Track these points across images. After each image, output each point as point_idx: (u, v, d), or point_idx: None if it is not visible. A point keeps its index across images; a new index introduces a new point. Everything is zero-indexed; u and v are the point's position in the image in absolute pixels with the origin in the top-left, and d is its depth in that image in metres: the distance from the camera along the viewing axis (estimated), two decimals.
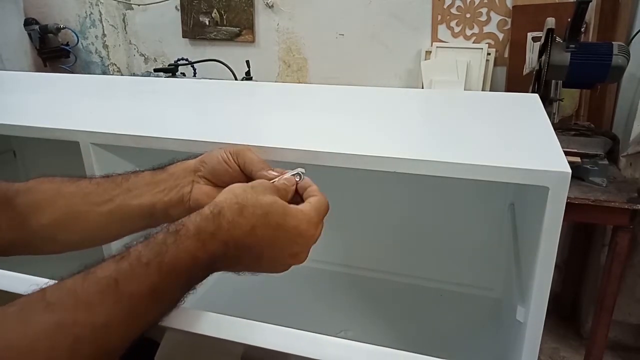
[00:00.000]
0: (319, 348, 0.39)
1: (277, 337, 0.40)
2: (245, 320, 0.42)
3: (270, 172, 0.51)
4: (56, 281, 0.37)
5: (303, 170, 0.52)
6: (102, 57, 2.49)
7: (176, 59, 2.22)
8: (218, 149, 0.54)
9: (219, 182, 0.52)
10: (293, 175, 0.51)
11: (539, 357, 0.55)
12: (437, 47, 1.88)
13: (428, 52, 1.91)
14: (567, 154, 0.53)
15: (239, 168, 0.52)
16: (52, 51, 2.47)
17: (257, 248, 0.43)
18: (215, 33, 2.20)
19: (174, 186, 0.52)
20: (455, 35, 1.88)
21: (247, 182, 0.53)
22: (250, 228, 0.42)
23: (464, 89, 1.78)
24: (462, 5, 1.84)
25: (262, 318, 0.43)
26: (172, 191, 0.51)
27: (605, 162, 1.37)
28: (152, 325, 0.40)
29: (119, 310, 0.36)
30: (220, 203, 0.43)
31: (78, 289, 0.36)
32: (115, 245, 0.54)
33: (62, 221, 0.50)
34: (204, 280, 0.43)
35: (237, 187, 0.45)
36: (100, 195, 0.51)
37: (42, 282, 0.37)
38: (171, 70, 2.08)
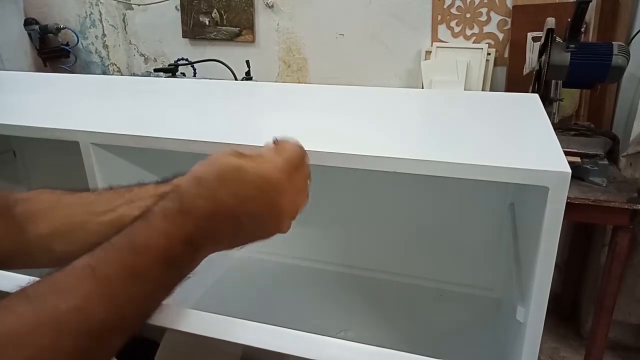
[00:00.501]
0: (318, 349, 0.39)
1: (276, 337, 0.40)
2: (244, 320, 0.42)
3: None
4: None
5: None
6: (102, 57, 2.49)
7: (176, 59, 2.22)
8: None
9: None
10: None
11: (539, 357, 0.55)
12: (437, 47, 1.88)
13: (428, 52, 1.91)
14: (567, 154, 0.53)
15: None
16: (52, 51, 2.47)
17: (227, 211, 0.42)
18: (215, 33, 2.20)
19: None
20: (455, 35, 1.88)
21: None
22: (211, 193, 0.41)
23: (464, 89, 1.78)
24: (462, 5, 1.84)
25: (262, 318, 0.43)
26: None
27: (605, 162, 1.37)
28: (141, 309, 0.40)
29: (98, 292, 0.36)
30: (178, 181, 0.43)
31: (55, 280, 0.36)
32: None
33: (60, 231, 0.50)
34: (203, 280, 0.43)
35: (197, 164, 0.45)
36: (101, 205, 0.51)
37: (27, 280, 0.37)
38: (171, 70, 2.08)
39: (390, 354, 0.39)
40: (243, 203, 0.42)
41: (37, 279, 0.37)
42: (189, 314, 0.43)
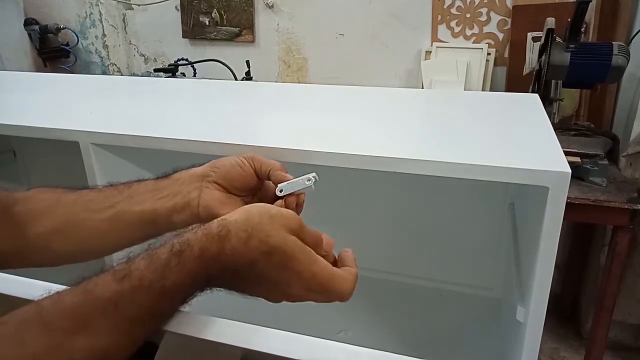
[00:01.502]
0: (318, 352, 0.39)
1: (276, 341, 0.40)
2: (244, 324, 0.42)
3: (287, 175, 0.50)
4: (53, 293, 0.36)
5: (314, 175, 0.50)
6: (102, 57, 2.49)
7: (176, 59, 2.22)
8: (230, 156, 0.53)
9: (231, 188, 0.51)
10: (303, 179, 0.50)
11: (539, 357, 0.55)
12: (437, 47, 1.88)
13: (428, 52, 1.91)
14: (567, 154, 0.53)
15: (254, 172, 0.51)
16: (52, 51, 2.47)
17: (253, 280, 0.41)
18: (215, 33, 2.20)
19: (178, 192, 0.50)
20: (455, 35, 1.88)
21: (260, 188, 0.52)
22: (251, 262, 0.40)
23: (464, 89, 1.78)
24: (462, 5, 1.84)
25: (261, 318, 0.43)
26: (176, 196, 0.50)
27: (605, 162, 1.37)
28: (149, 337, 0.40)
29: (118, 334, 0.35)
30: (228, 225, 0.40)
31: (77, 310, 0.35)
32: (117, 255, 0.53)
33: (59, 229, 0.49)
34: None
35: (254, 209, 0.42)
36: (100, 202, 0.50)
37: (38, 285, 0.37)
38: (171, 70, 2.08)
39: (389, 357, 0.39)
40: (268, 282, 0.41)
41: (54, 288, 0.37)
42: (189, 316, 0.43)
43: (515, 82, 1.80)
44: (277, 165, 0.51)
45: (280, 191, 0.50)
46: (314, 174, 0.51)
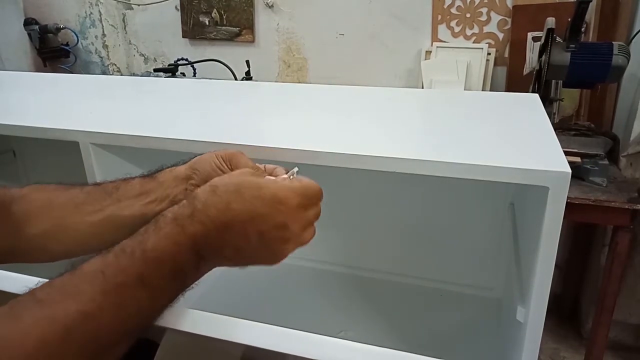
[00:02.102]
0: (318, 349, 0.39)
1: (276, 337, 0.40)
2: (244, 320, 0.42)
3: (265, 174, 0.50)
4: (45, 280, 0.37)
5: (297, 169, 0.51)
6: (102, 57, 2.49)
7: (176, 59, 2.22)
8: (208, 153, 0.53)
9: None
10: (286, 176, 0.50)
11: (539, 357, 0.55)
12: (437, 47, 1.88)
13: (428, 52, 1.90)
14: (567, 154, 0.53)
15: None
16: (52, 51, 2.46)
17: (238, 224, 0.42)
18: (215, 33, 2.20)
19: (165, 196, 0.51)
20: (455, 35, 1.88)
21: None
22: (225, 205, 0.41)
23: (464, 89, 1.78)
24: (462, 5, 1.83)
25: (261, 318, 0.43)
26: (164, 201, 0.51)
27: (606, 162, 1.36)
28: (146, 318, 0.40)
29: (108, 300, 0.36)
30: (195, 190, 0.44)
31: (66, 284, 0.36)
32: None
33: (52, 232, 0.50)
34: (203, 280, 0.43)
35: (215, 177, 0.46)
36: (91, 204, 0.51)
37: (35, 281, 0.37)
38: (171, 70, 2.08)
39: (389, 354, 0.39)
40: (255, 220, 0.42)
41: (44, 280, 0.37)
42: (189, 313, 0.43)
43: (515, 82, 1.80)
44: (252, 166, 0.51)
45: None
46: (296, 169, 0.51)
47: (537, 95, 0.84)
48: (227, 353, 0.43)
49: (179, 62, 2.18)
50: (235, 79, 2.03)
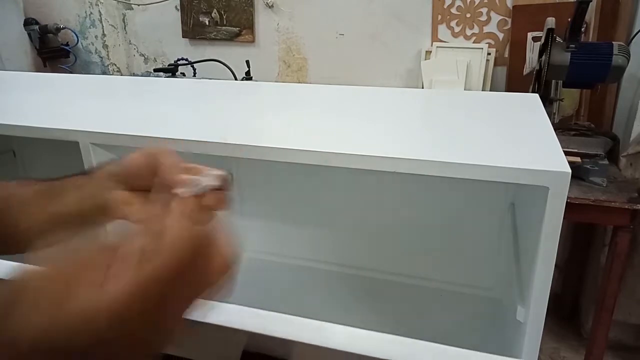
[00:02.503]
0: (321, 335, 0.39)
1: (280, 324, 0.40)
2: (248, 308, 0.42)
3: (187, 177, 0.42)
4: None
5: (223, 173, 0.42)
6: (102, 57, 2.49)
7: (176, 59, 2.22)
8: (137, 150, 0.50)
9: (136, 188, 0.50)
10: (212, 177, 0.41)
11: (539, 357, 0.55)
12: (437, 47, 1.88)
13: (428, 52, 1.91)
14: (567, 154, 0.53)
15: (154, 173, 0.46)
16: (52, 51, 2.47)
17: None
18: (215, 33, 2.20)
19: (96, 194, 0.50)
20: (455, 35, 1.88)
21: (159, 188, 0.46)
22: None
23: (464, 89, 1.78)
24: (462, 5, 1.84)
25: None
26: (96, 198, 0.50)
27: (606, 162, 1.36)
28: None
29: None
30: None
31: None
32: None
33: (9, 233, 0.50)
34: None
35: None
36: (35, 205, 0.51)
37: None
38: (171, 70, 2.08)
39: (392, 340, 0.39)
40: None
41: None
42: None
43: (515, 82, 1.80)
44: (172, 171, 0.44)
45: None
46: (226, 172, 0.42)
47: (537, 95, 0.84)
48: (231, 339, 0.43)
49: (179, 62, 2.18)
50: (235, 79, 2.03)
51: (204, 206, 0.41)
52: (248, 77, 2.03)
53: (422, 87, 1.84)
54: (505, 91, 1.81)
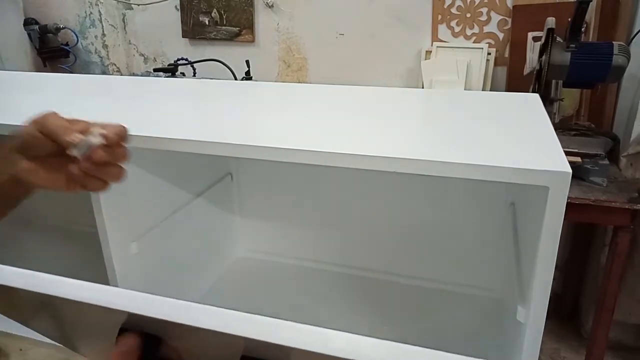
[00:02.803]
0: (321, 341, 0.39)
1: (279, 330, 0.40)
2: (245, 313, 0.41)
3: (75, 136, 0.49)
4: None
5: (115, 127, 0.50)
6: (101, 57, 2.49)
7: (176, 59, 2.22)
8: (28, 120, 0.52)
9: (38, 157, 0.51)
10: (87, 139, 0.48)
11: (539, 357, 0.55)
12: (437, 46, 1.88)
13: (428, 52, 1.90)
14: (567, 153, 0.53)
15: (48, 138, 0.50)
16: (52, 51, 2.47)
17: None
18: (215, 33, 2.20)
19: (4, 169, 0.52)
20: (455, 35, 1.88)
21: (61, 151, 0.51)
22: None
23: (464, 89, 1.78)
24: (462, 5, 1.83)
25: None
26: (6, 173, 0.52)
27: (606, 162, 1.36)
28: None
29: None
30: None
31: None
32: None
33: None
34: (202, 282, 0.43)
35: None
36: None
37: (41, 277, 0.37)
38: (171, 70, 2.08)
39: (395, 347, 0.39)
40: None
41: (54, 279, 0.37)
42: (189, 307, 0.43)
43: (515, 82, 1.80)
44: (61, 131, 0.50)
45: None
46: (116, 126, 0.50)
47: (537, 95, 0.84)
48: (228, 346, 0.43)
49: (178, 62, 2.18)
50: (235, 79, 2.03)
51: (99, 163, 0.49)
52: (248, 77, 2.03)
53: (422, 87, 1.84)
54: (506, 91, 1.81)
